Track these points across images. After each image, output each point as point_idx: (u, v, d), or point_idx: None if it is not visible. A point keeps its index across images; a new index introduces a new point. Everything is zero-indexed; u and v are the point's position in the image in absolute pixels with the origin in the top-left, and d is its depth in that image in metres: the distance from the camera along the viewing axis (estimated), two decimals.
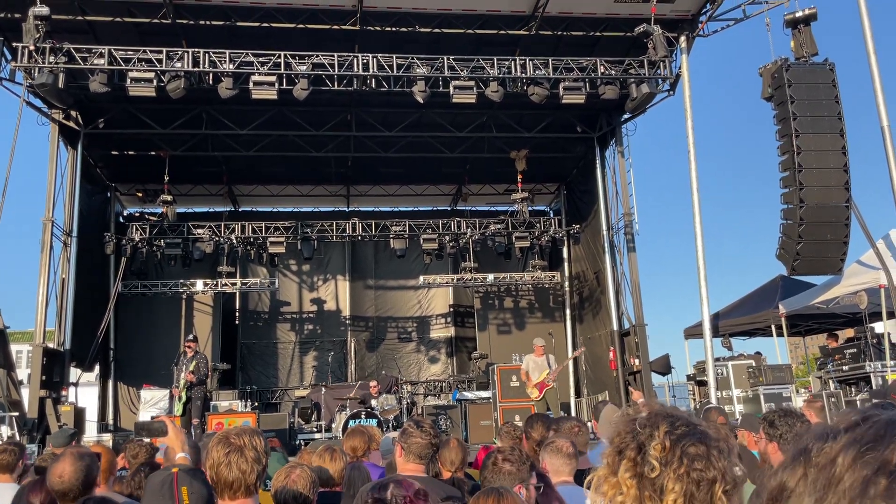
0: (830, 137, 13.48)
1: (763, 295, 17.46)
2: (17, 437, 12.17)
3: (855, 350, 14.68)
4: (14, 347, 16.57)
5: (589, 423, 7.54)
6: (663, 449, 1.37)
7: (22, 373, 17.16)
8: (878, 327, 14.70)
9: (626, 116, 17.33)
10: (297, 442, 13.93)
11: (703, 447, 1.37)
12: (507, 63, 14.66)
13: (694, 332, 17.01)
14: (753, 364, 14.99)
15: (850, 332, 17.18)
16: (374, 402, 14.25)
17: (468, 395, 16.87)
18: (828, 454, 0.73)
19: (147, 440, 6.41)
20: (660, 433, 1.39)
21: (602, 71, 14.90)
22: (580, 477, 4.20)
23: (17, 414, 13.07)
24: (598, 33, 15.61)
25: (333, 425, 14.44)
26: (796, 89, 13.58)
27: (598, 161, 18.57)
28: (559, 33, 15.56)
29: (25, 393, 14.35)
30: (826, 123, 13.52)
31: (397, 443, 4.04)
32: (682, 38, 15.54)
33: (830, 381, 15.03)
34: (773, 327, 16.23)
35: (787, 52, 14.22)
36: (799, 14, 14.08)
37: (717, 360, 15.31)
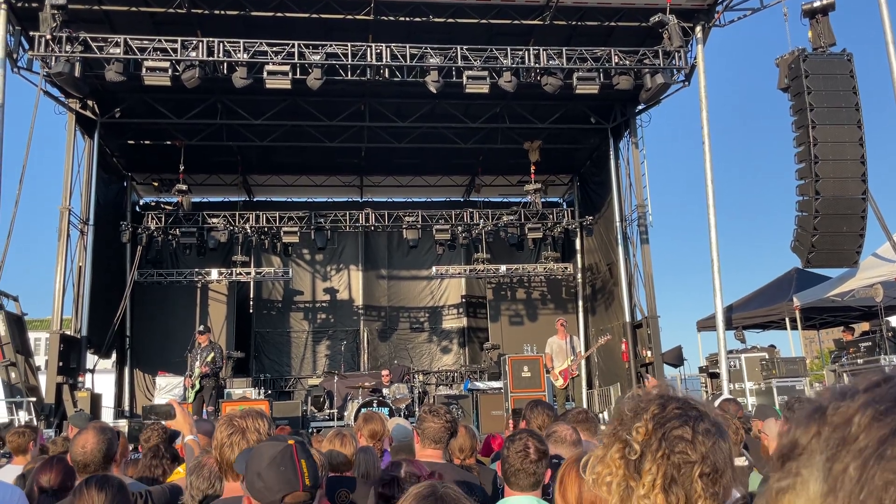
0: (847, 128, 13.34)
1: (777, 287, 17.35)
2: (35, 422, 12.35)
3: (870, 343, 14.57)
4: (32, 335, 16.78)
5: (602, 415, 7.55)
6: (645, 432, 1.36)
7: (39, 359, 17.39)
8: (894, 321, 14.59)
9: (640, 107, 17.22)
10: (310, 430, 14.02)
11: (688, 430, 1.35)
12: (520, 53, 14.61)
13: (707, 325, 16.94)
14: (767, 357, 14.91)
15: (865, 326, 17.07)
16: (385, 391, 14.33)
17: (480, 385, 16.89)
18: (844, 413, 0.70)
19: (162, 423, 6.49)
20: (647, 416, 1.38)
21: (616, 61, 14.82)
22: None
23: (34, 399, 13.25)
24: (612, 23, 15.49)
25: (346, 413, 14.54)
26: (813, 80, 13.45)
27: (611, 152, 18.47)
28: (574, 23, 15.47)
29: (43, 379, 14.54)
30: (843, 114, 13.38)
31: (414, 429, 4.06)
32: (698, 28, 15.42)
33: (844, 375, 14.93)
34: (787, 320, 16.14)
35: (804, 42, 14.10)
36: (817, 4, 13.92)
37: (730, 352, 15.24)
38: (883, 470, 0.64)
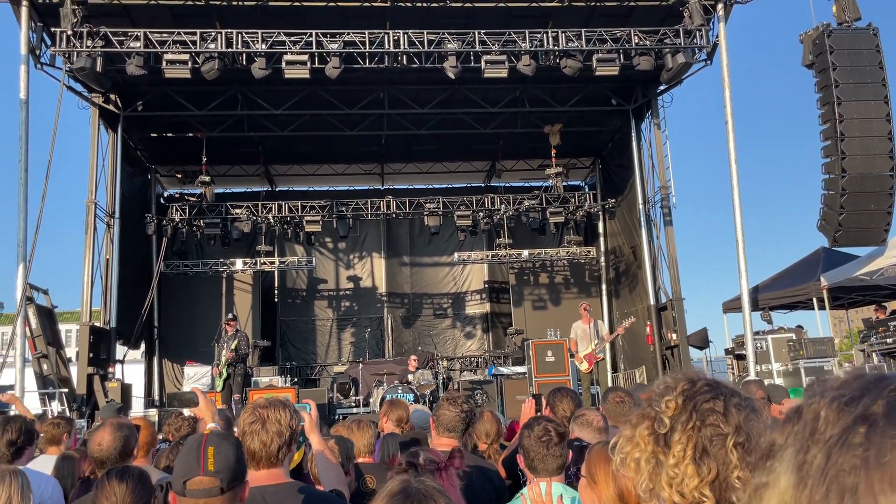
0: (874, 105, 13.10)
1: (804, 267, 17.13)
2: (67, 413, 12.61)
3: None
4: (62, 327, 17.10)
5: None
6: (675, 407, 1.39)
7: (70, 351, 17.70)
8: None
9: (661, 88, 17.00)
10: (336, 416, 14.16)
11: (719, 402, 1.38)
12: (539, 36, 14.48)
13: (733, 306, 16.79)
14: (794, 337, 14.76)
15: (894, 305, 16.80)
16: (410, 377, 14.40)
17: (504, 370, 16.91)
18: (814, 409, 0.74)
19: (188, 413, 6.61)
20: (676, 392, 1.42)
21: (636, 41, 14.63)
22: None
23: (66, 390, 13.53)
24: (632, 3, 15.28)
25: (371, 400, 14.65)
26: (838, 56, 13.20)
27: (633, 134, 18.29)
28: (592, 4, 15.27)
29: (74, 370, 14.83)
30: (870, 90, 13.14)
31: (431, 418, 4.08)
32: (720, 6, 15.14)
33: (874, 355, 14.73)
34: (814, 300, 15.94)
35: (828, 17, 13.84)
36: None
37: (757, 333, 15.09)
38: (848, 455, 0.67)
